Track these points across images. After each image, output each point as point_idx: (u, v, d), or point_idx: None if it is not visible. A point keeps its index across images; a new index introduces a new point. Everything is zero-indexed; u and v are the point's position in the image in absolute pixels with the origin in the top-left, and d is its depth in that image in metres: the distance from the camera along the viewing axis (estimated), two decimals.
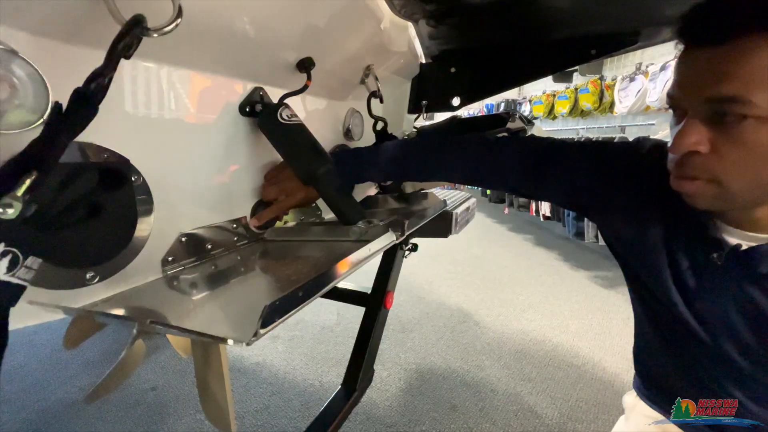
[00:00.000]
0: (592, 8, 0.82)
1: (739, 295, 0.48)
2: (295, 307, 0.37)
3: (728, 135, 0.38)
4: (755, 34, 0.35)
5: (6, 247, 0.26)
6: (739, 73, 0.36)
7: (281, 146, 0.64)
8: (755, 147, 0.38)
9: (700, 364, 0.58)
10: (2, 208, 0.26)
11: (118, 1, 0.37)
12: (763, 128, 0.37)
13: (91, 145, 0.42)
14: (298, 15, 0.58)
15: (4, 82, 0.34)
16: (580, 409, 1.40)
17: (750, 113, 0.36)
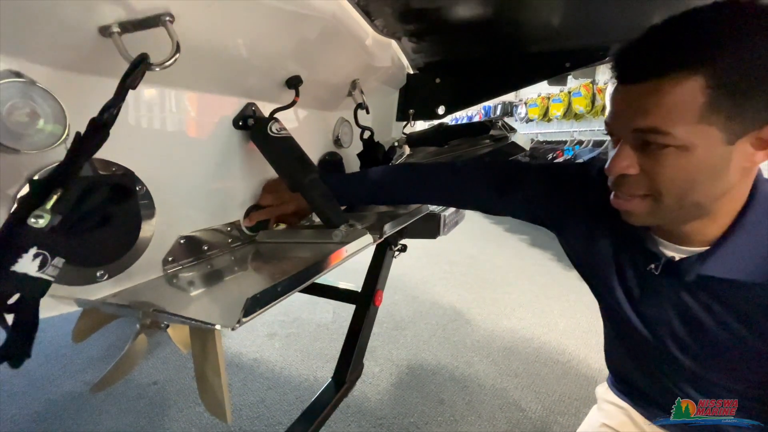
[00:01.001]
0: (563, 27, 0.88)
1: (675, 301, 0.54)
2: (274, 300, 0.44)
3: (654, 159, 0.44)
4: (672, 74, 0.40)
5: (38, 250, 0.32)
6: (658, 108, 0.41)
7: (271, 157, 0.70)
8: (677, 171, 0.44)
9: (653, 362, 0.65)
10: (35, 219, 0.32)
11: (125, 36, 0.44)
12: (682, 155, 0.42)
13: (100, 160, 0.49)
14: (286, 38, 0.64)
15: (27, 109, 0.41)
16: (563, 403, 1.47)
17: (670, 143, 0.42)
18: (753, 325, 0.49)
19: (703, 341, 0.54)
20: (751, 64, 0.38)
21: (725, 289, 0.50)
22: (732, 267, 0.48)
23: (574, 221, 0.64)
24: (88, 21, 0.42)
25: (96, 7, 0.41)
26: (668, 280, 0.54)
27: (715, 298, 0.51)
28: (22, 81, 0.40)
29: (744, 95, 0.39)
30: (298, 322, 2.12)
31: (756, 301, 0.48)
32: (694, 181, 0.44)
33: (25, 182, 0.43)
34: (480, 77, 1.13)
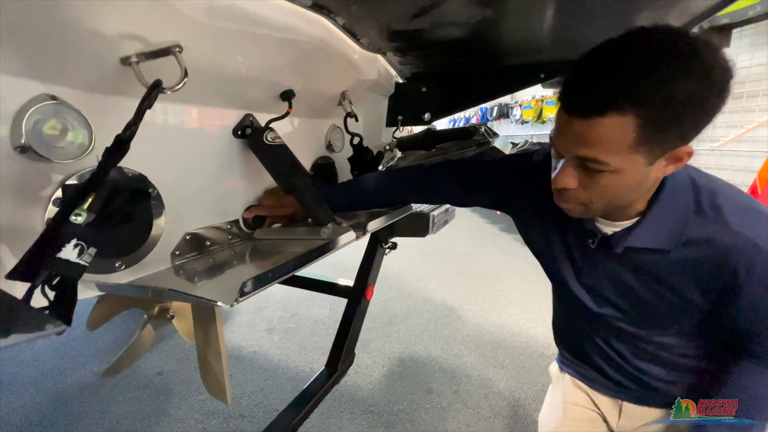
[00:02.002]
0: (537, 43, 0.97)
1: (608, 270, 0.65)
2: (266, 284, 0.52)
3: (590, 179, 0.53)
4: (609, 114, 0.46)
5: (77, 241, 0.41)
6: (598, 142, 0.49)
7: (266, 163, 0.79)
8: (609, 186, 0.53)
9: (594, 329, 0.74)
10: (75, 217, 0.41)
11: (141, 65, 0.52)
12: (613, 177, 0.51)
13: (119, 167, 0.57)
14: (280, 59, 0.73)
15: (60, 125, 0.50)
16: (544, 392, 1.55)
17: (605, 169, 0.50)
18: (665, 283, 0.61)
19: (633, 302, 0.65)
20: (673, 102, 0.45)
21: (643, 256, 0.61)
22: (647, 239, 0.59)
23: (524, 205, 0.74)
24: (112, 53, 0.50)
25: (118, 42, 0.49)
26: (602, 253, 0.64)
27: (637, 264, 0.62)
28: (56, 102, 0.49)
29: (665, 128, 0.47)
30: (296, 317, 2.20)
31: (665, 263, 0.59)
32: (620, 194, 0.55)
33: (58, 186, 0.52)
34: (462, 87, 1.21)
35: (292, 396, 1.42)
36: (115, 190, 0.51)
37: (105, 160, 0.45)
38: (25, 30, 0.42)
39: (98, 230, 0.45)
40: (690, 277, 0.59)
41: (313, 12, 0.68)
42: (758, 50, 2.16)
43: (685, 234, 0.57)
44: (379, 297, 2.49)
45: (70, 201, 0.42)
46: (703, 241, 0.57)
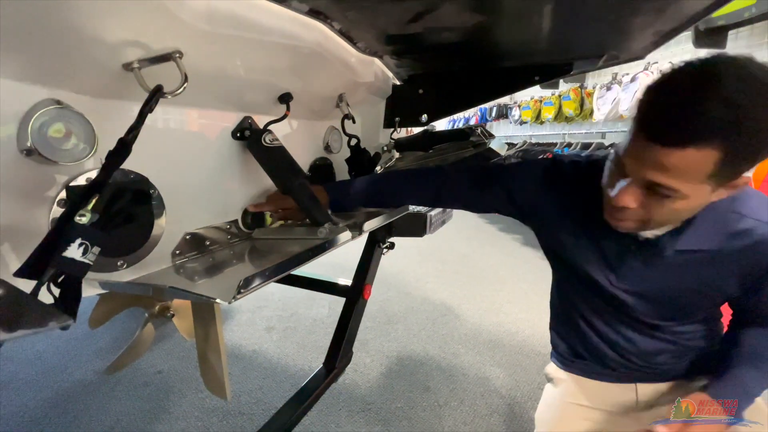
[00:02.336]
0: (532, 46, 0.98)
1: (650, 271, 0.69)
2: (262, 282, 0.54)
3: (656, 201, 0.55)
4: (694, 146, 0.48)
5: (82, 240, 0.42)
6: (675, 171, 0.50)
7: (265, 164, 0.80)
8: (670, 211, 0.56)
9: (615, 325, 0.78)
10: (79, 217, 0.43)
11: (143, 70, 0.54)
12: (677, 202, 0.54)
13: (121, 169, 0.59)
14: (278, 63, 0.75)
15: (64, 129, 0.52)
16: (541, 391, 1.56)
17: (673, 195, 0.53)
18: (707, 279, 0.67)
19: (669, 298, 0.70)
20: (758, 138, 0.47)
21: (688, 255, 0.65)
22: (695, 241, 0.64)
23: (548, 210, 0.76)
24: (114, 59, 0.52)
25: (120, 48, 0.51)
26: (644, 255, 0.68)
27: (681, 264, 0.66)
28: (60, 107, 0.51)
29: (743, 161, 0.50)
30: (295, 317, 2.22)
31: (709, 261, 0.65)
32: (678, 216, 0.60)
33: (63, 188, 0.54)
34: (459, 89, 1.23)
35: (291, 394, 1.44)
36: (118, 192, 0.53)
37: (108, 162, 0.46)
38: (30, 37, 0.44)
39: (102, 230, 0.47)
40: (731, 271, 0.65)
41: (310, 18, 0.69)
42: (754, 51, 2.17)
43: (727, 231, 0.63)
44: (378, 296, 2.51)
45: (75, 202, 0.44)
46: (744, 235, 0.62)
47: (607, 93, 2.73)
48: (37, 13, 0.42)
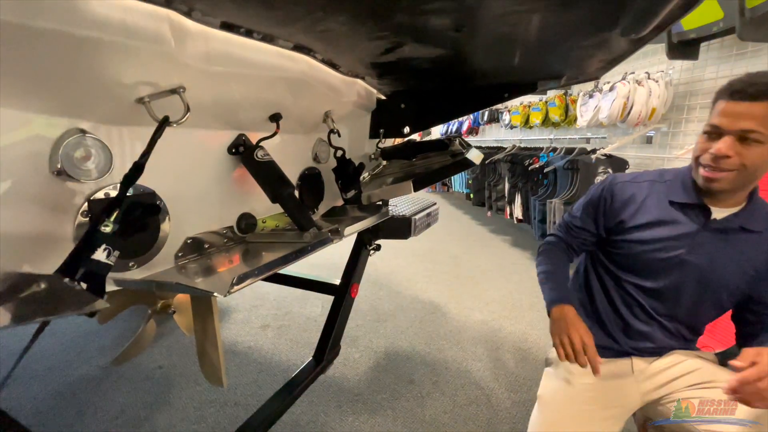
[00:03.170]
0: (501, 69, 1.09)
1: (714, 245, 0.87)
2: (253, 278, 0.65)
3: (747, 149, 0.76)
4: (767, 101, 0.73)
5: (106, 246, 0.53)
6: (760, 118, 0.73)
7: (257, 177, 0.91)
8: (759, 156, 0.76)
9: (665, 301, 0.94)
10: (104, 227, 0.53)
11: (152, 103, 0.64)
12: (763, 147, 0.75)
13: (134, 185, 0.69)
14: (269, 90, 0.86)
15: (86, 152, 0.62)
16: (517, 383, 1.68)
17: (760, 139, 0.74)
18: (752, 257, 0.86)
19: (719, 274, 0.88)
20: None
21: (743, 235, 0.85)
22: (752, 222, 0.85)
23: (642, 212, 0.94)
24: (129, 95, 0.63)
25: (134, 86, 0.62)
26: (710, 232, 0.87)
27: (738, 241, 0.86)
28: (84, 135, 0.62)
29: None
30: (289, 315, 2.32)
31: (755, 241, 0.85)
32: (762, 164, 0.77)
33: (85, 201, 0.64)
34: (437, 104, 1.34)
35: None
36: (131, 205, 0.63)
37: (126, 182, 0.57)
38: (61, 80, 0.55)
39: (119, 237, 0.57)
40: (766, 250, 0.85)
41: (295, 52, 0.80)
42: (723, 63, 2.29)
43: (766, 217, 0.85)
44: (369, 296, 2.61)
45: (97, 214, 0.54)
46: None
47: (590, 100, 2.85)
48: (68, 62, 0.53)
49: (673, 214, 0.91)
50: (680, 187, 0.92)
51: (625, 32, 0.66)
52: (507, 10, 0.60)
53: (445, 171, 1.45)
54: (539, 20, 0.64)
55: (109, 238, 0.54)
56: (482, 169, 4.39)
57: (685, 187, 0.91)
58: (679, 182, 0.92)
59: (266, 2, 0.57)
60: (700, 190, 0.88)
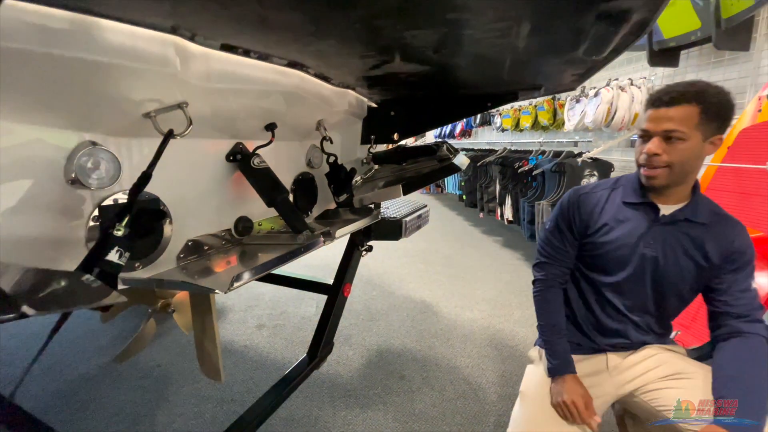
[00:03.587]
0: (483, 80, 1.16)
1: (667, 237, 0.97)
2: (251, 276, 0.71)
3: (671, 146, 0.88)
4: (686, 105, 0.86)
5: (118, 248, 0.59)
6: (679, 120, 0.86)
7: (253, 183, 0.97)
8: (682, 152, 0.88)
9: (630, 295, 1.02)
10: (116, 231, 0.59)
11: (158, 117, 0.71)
12: (684, 144, 0.87)
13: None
14: (264, 102, 0.92)
15: (96, 162, 0.68)
16: (503, 378, 1.75)
17: (681, 137, 0.86)
18: (701, 247, 0.94)
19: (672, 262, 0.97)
20: (715, 108, 0.86)
21: (690, 226, 0.95)
22: (697, 214, 0.95)
23: (604, 216, 1.04)
24: (136, 111, 0.69)
25: (142, 103, 0.68)
26: (661, 226, 0.97)
27: (686, 232, 0.95)
28: (95, 146, 0.68)
29: (710, 121, 0.86)
30: (284, 315, 2.38)
31: (702, 233, 0.94)
32: (688, 158, 0.89)
33: (95, 207, 0.70)
34: (425, 112, 1.41)
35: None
36: (139, 210, 0.69)
37: (134, 191, 0.63)
38: (76, 98, 0.61)
39: (130, 239, 0.63)
40: (712, 242, 0.94)
41: (289, 68, 0.87)
42: (702, 70, 2.39)
43: (713, 211, 0.96)
44: (363, 295, 2.68)
45: (107, 219, 0.60)
46: (722, 217, 0.96)
47: (576, 105, 2.93)
48: (84, 83, 0.59)
49: (628, 213, 1.00)
50: (631, 189, 1.01)
51: (587, 54, 0.73)
52: (479, 37, 0.67)
53: (433, 175, 1.52)
54: (509, 44, 0.71)
55: (121, 241, 0.60)
56: (474, 171, 4.48)
57: (634, 189, 1.00)
58: (630, 185, 1.02)
59: (262, 27, 0.63)
60: (647, 190, 0.98)
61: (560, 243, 1.10)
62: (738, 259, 0.93)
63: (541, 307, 1.12)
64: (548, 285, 1.11)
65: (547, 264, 1.12)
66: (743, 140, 1.99)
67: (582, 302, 1.10)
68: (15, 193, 0.59)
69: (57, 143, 0.64)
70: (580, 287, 1.10)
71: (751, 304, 0.92)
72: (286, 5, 0.54)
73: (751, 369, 0.86)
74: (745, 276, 0.93)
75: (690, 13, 2.17)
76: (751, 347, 0.88)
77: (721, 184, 2.01)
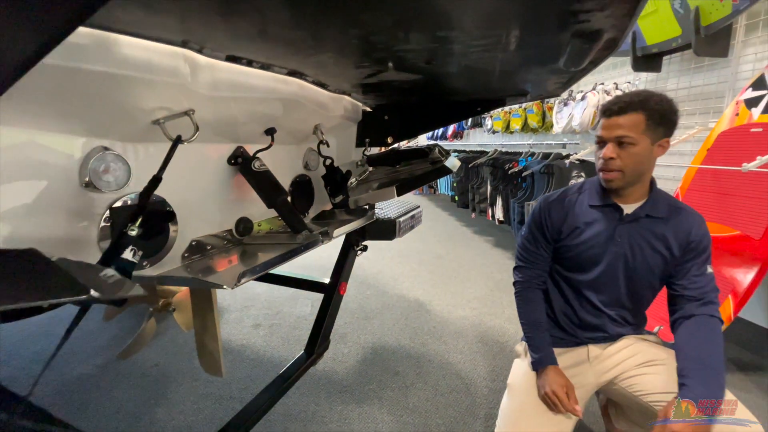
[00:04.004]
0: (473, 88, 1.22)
1: (629, 235, 1.04)
2: (256, 274, 0.75)
3: (624, 151, 0.97)
4: (633, 113, 0.95)
5: (132, 247, 0.63)
6: (628, 127, 0.95)
7: (254, 185, 1.02)
8: (633, 156, 0.97)
9: (602, 289, 1.10)
10: (131, 231, 0.64)
11: (166, 124, 0.75)
12: (635, 148, 0.96)
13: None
14: (265, 108, 0.97)
15: (107, 166, 0.72)
16: (494, 373, 1.81)
17: (632, 142, 0.95)
18: (663, 239, 1.02)
19: (640, 258, 1.04)
20: (657, 114, 0.95)
21: (652, 222, 1.03)
22: (655, 210, 1.03)
23: (572, 219, 1.11)
24: (146, 118, 0.73)
25: (152, 111, 0.72)
26: (628, 224, 1.05)
27: (648, 228, 1.03)
28: (107, 152, 0.72)
29: (656, 126, 0.95)
30: (280, 314, 2.42)
31: (662, 226, 1.02)
32: (640, 162, 0.98)
33: (107, 208, 0.74)
34: (417, 117, 1.47)
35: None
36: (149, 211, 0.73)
37: (145, 194, 0.68)
38: (92, 107, 0.65)
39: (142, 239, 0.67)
40: (675, 238, 1.02)
41: (288, 76, 0.91)
42: (683, 75, 2.49)
43: (671, 205, 1.04)
44: (357, 295, 2.73)
45: (118, 220, 0.65)
46: (680, 210, 1.04)
47: (564, 108, 3.02)
48: (100, 93, 0.63)
49: (595, 215, 1.08)
50: (595, 192, 1.09)
51: (567, 66, 0.79)
52: (466, 51, 0.72)
53: (425, 177, 1.57)
54: (495, 57, 0.77)
55: (134, 240, 0.64)
56: (466, 172, 4.55)
57: (598, 193, 1.09)
58: (594, 189, 1.10)
59: (266, 41, 0.68)
60: (609, 193, 1.06)
61: (535, 248, 1.17)
62: (695, 247, 1.02)
63: (522, 306, 1.19)
64: (527, 286, 1.18)
65: (525, 267, 1.19)
66: (722, 143, 2.08)
67: (563, 300, 1.17)
68: (34, 195, 0.63)
69: (72, 149, 0.68)
70: (560, 287, 1.17)
71: (706, 288, 1.00)
72: (289, 24, 0.59)
73: (708, 347, 0.94)
74: (701, 262, 1.02)
75: (671, 21, 2.27)
76: (706, 327, 0.97)
77: (701, 185, 2.10)
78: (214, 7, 0.53)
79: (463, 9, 0.54)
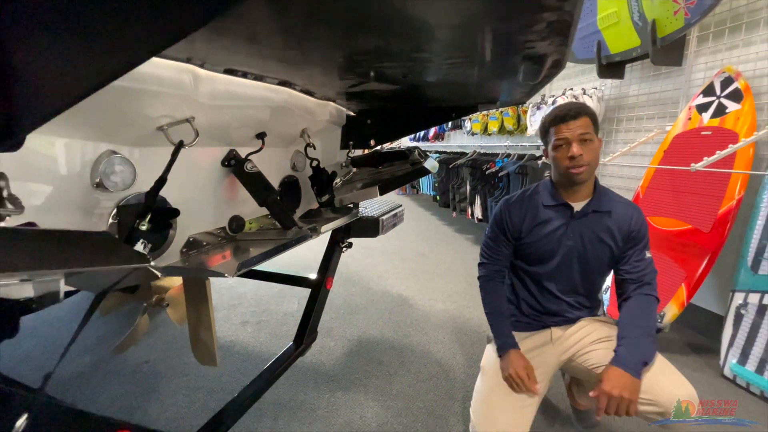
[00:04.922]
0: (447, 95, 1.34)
1: (580, 230, 1.18)
2: (253, 265, 0.84)
3: (587, 147, 1.10)
4: (585, 116, 1.11)
5: (143, 240, 0.71)
6: (584, 126, 1.10)
7: (247, 185, 1.10)
8: (593, 151, 1.12)
9: (560, 280, 1.22)
10: (142, 226, 0.72)
11: (169, 129, 0.83)
12: (593, 144, 1.11)
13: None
14: (257, 114, 1.05)
15: (114, 168, 0.80)
16: (472, 360, 1.94)
17: (591, 138, 1.10)
18: (610, 232, 1.16)
19: (591, 249, 1.17)
20: (594, 118, 1.12)
21: (598, 216, 1.17)
22: (601, 205, 1.17)
23: (527, 219, 1.24)
24: (151, 125, 0.81)
25: (157, 119, 0.80)
26: (578, 220, 1.18)
27: (595, 222, 1.16)
28: (115, 155, 0.79)
29: (595, 127, 1.12)
30: (267, 312, 2.48)
31: (607, 220, 1.16)
32: (597, 156, 1.13)
33: (114, 206, 0.82)
34: (397, 121, 1.58)
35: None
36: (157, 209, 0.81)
37: (152, 194, 0.76)
38: (103, 116, 0.73)
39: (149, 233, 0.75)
40: (618, 229, 1.15)
41: (279, 86, 1.00)
42: (644, 82, 2.68)
43: (613, 200, 1.18)
44: (343, 292, 2.81)
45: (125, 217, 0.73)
46: (622, 203, 1.18)
47: (537, 111, 3.19)
48: (112, 104, 0.71)
49: (549, 214, 1.21)
50: (548, 194, 1.22)
51: (525, 80, 0.91)
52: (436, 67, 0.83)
53: (406, 177, 1.68)
54: (464, 72, 0.89)
55: (145, 234, 0.72)
56: (447, 173, 4.70)
57: (551, 193, 1.21)
58: (547, 191, 1.23)
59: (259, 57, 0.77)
60: (560, 193, 1.20)
61: (496, 246, 1.30)
62: (635, 236, 1.16)
63: (485, 297, 1.32)
64: (488, 279, 1.32)
65: (487, 264, 1.33)
66: (676, 145, 2.27)
67: (526, 291, 1.30)
68: (52, 193, 0.70)
69: (85, 152, 0.75)
70: (523, 280, 1.30)
71: (645, 270, 1.16)
72: (280, 44, 0.69)
73: (639, 319, 1.11)
74: (641, 248, 1.17)
75: (631, 32, 2.45)
76: (641, 303, 1.13)
77: (658, 184, 2.29)
78: (215, 30, 0.61)
79: (432, 37, 0.64)
